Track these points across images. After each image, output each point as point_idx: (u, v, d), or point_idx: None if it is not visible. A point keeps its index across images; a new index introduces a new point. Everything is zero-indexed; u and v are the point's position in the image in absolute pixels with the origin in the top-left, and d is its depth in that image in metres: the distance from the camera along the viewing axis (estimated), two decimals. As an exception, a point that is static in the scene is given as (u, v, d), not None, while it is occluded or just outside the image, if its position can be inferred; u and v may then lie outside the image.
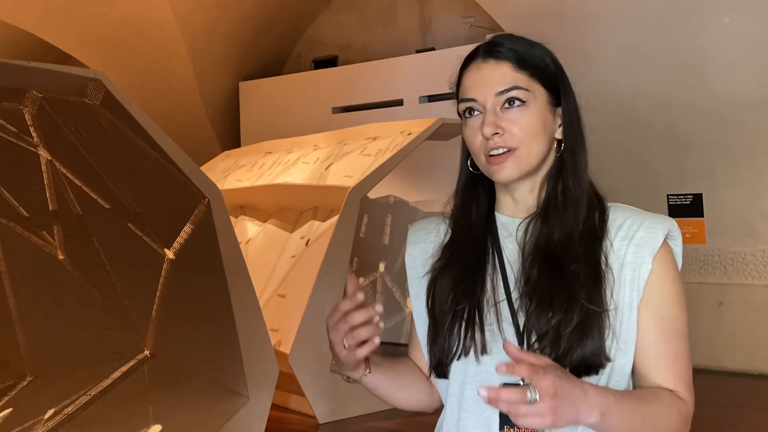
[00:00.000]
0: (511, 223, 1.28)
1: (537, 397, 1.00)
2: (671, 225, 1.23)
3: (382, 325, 1.21)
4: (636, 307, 1.20)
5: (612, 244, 1.22)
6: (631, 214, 1.24)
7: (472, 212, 1.31)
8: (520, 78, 1.22)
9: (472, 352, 1.23)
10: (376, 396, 1.38)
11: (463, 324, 1.23)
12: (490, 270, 1.26)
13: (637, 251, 1.20)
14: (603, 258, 1.20)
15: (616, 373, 1.20)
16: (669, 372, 1.20)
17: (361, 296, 1.18)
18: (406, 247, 1.39)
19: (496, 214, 1.30)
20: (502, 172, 1.23)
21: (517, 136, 1.22)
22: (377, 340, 1.21)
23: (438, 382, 1.34)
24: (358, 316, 1.18)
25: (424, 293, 1.31)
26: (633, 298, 1.20)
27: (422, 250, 1.36)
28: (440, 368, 1.27)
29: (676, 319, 1.21)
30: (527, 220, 1.25)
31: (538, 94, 1.23)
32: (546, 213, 1.24)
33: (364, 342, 1.20)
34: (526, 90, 1.22)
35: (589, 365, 1.16)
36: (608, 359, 1.18)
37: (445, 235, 1.33)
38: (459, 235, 1.30)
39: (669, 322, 1.21)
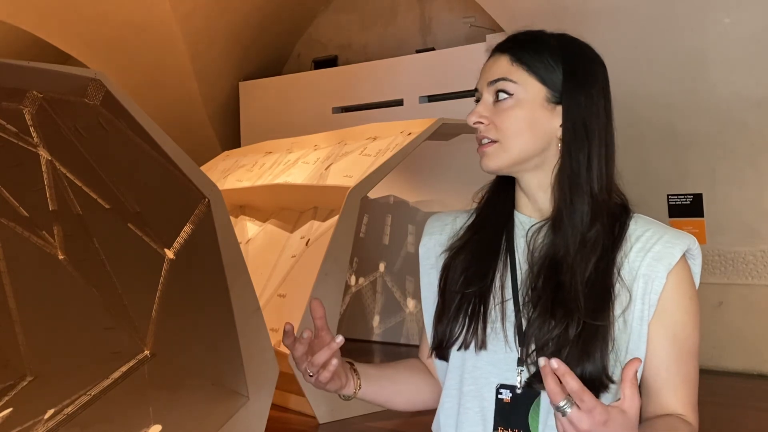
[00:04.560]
0: (528, 223, 1.26)
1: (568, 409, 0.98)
2: (692, 243, 1.20)
3: (340, 339, 1.21)
4: (647, 322, 1.17)
5: (627, 256, 1.19)
6: (652, 227, 1.21)
7: (496, 204, 1.30)
8: (513, 71, 1.21)
9: (472, 346, 1.23)
10: (380, 404, 1.40)
11: (468, 314, 1.23)
12: (500, 266, 1.25)
13: (652, 264, 1.18)
14: (615, 271, 1.18)
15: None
16: (678, 393, 1.18)
17: (306, 334, 1.21)
18: (422, 238, 1.39)
19: (515, 212, 1.28)
20: (483, 161, 1.23)
21: (500, 128, 1.20)
22: (334, 362, 1.22)
23: (437, 364, 1.34)
24: (300, 347, 1.22)
25: (436, 283, 1.32)
26: (644, 312, 1.17)
27: (437, 241, 1.35)
28: (440, 350, 1.28)
29: (689, 338, 1.19)
30: (538, 225, 1.23)
31: (530, 89, 1.20)
32: (555, 222, 1.21)
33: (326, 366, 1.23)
34: (515, 83, 1.20)
35: (589, 386, 1.11)
36: (611, 380, 1.14)
37: (467, 221, 1.32)
38: (480, 221, 1.30)
39: (681, 341, 1.18)
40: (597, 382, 1.13)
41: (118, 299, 4.04)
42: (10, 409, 3.93)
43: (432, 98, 7.99)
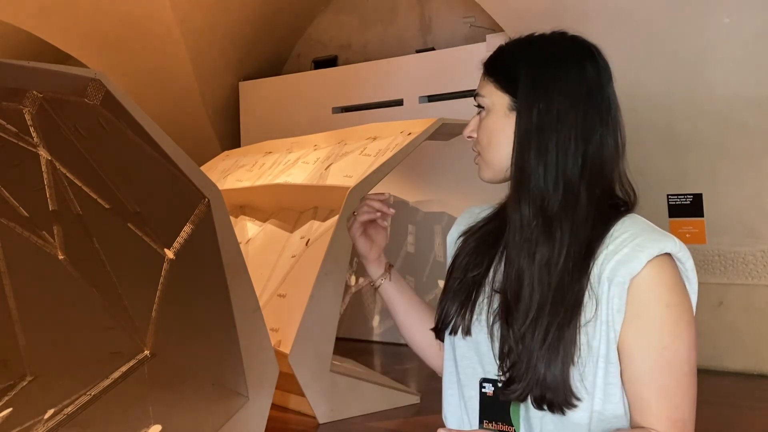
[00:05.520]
0: None
1: None
2: (670, 246, 1.14)
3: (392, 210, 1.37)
4: (613, 328, 1.13)
5: (597, 258, 1.15)
6: (631, 229, 1.16)
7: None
8: (483, 85, 1.26)
9: (459, 332, 1.26)
10: (390, 312, 1.47)
11: (462, 299, 1.27)
12: (497, 258, 1.27)
13: (616, 268, 1.13)
14: (586, 278, 1.15)
15: (606, 399, 1.15)
16: (653, 407, 1.11)
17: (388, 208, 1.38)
18: (452, 228, 1.44)
19: None
20: (478, 171, 1.28)
21: (479, 141, 1.26)
22: (381, 222, 1.40)
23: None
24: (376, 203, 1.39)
25: None
26: (609, 316, 1.13)
27: (459, 232, 1.39)
28: (436, 331, 1.33)
29: (667, 348, 1.11)
30: None
31: (497, 101, 1.23)
32: (513, 233, 1.21)
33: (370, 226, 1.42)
34: (483, 97, 1.25)
35: (550, 398, 1.12)
36: (576, 397, 1.12)
37: (489, 214, 1.36)
38: (495, 213, 1.33)
39: (657, 350, 1.11)
40: (558, 395, 1.12)
41: (118, 299, 4.04)
42: (10, 409, 3.93)
43: (432, 98, 7.99)
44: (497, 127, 1.23)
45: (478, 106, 1.26)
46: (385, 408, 5.25)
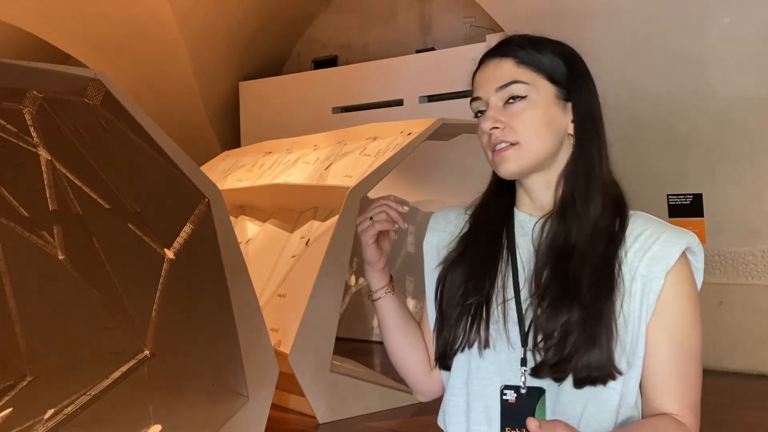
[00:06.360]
0: (528, 221, 1.26)
1: None
2: (692, 240, 1.20)
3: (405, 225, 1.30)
4: (645, 322, 1.18)
5: (626, 254, 1.19)
6: (651, 226, 1.21)
7: (492, 207, 1.30)
8: (521, 72, 1.21)
9: (475, 346, 1.23)
10: (382, 328, 1.42)
11: (470, 319, 1.24)
12: (502, 267, 1.25)
13: (651, 265, 1.18)
14: (617, 265, 1.19)
15: (628, 389, 1.18)
16: (675, 393, 1.18)
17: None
18: (426, 234, 1.41)
19: (515, 210, 1.28)
20: (503, 165, 1.21)
21: (518, 131, 1.20)
22: (392, 234, 1.36)
23: (442, 373, 1.35)
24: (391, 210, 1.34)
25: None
26: (642, 312, 1.18)
27: (440, 239, 1.37)
28: (444, 360, 1.29)
29: (687, 337, 1.19)
30: (543, 219, 1.24)
31: (541, 89, 1.21)
32: (563, 213, 1.22)
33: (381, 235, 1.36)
34: (526, 84, 1.20)
35: (595, 376, 1.15)
36: (618, 371, 1.16)
37: (464, 227, 1.32)
38: (475, 229, 1.30)
39: (679, 340, 1.18)
40: (604, 371, 1.15)
41: (118, 299, 4.04)
42: (10, 409, 3.93)
43: (432, 98, 7.99)
44: (545, 115, 1.21)
45: (513, 93, 1.21)
46: (385, 408, 5.25)
